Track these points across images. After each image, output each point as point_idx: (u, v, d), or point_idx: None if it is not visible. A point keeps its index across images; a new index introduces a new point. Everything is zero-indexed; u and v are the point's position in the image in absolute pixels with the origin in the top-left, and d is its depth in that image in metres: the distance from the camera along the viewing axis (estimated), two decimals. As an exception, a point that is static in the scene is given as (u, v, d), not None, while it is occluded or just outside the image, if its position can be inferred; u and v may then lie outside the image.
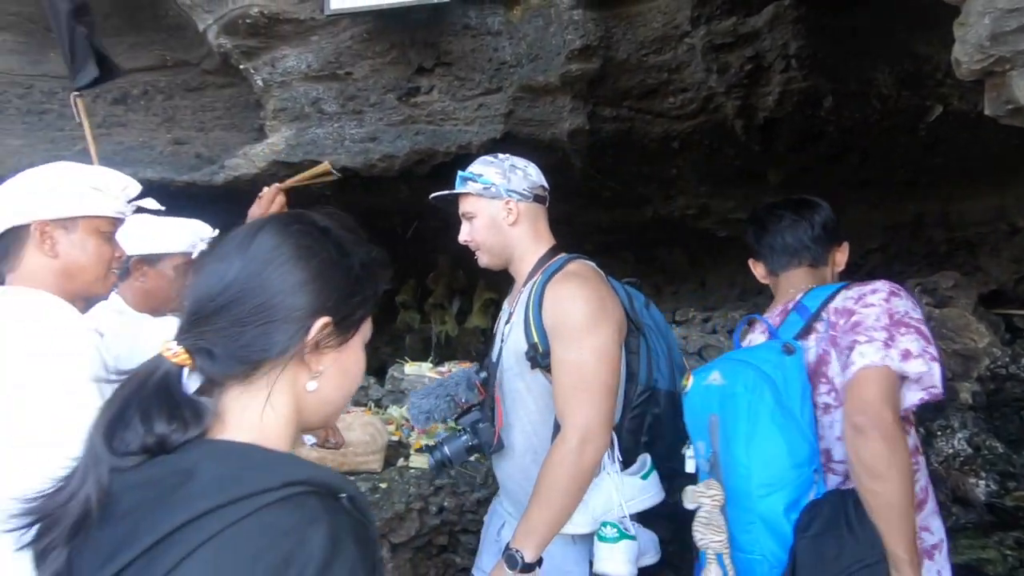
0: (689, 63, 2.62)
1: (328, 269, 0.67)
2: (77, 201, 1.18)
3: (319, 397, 0.68)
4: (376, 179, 3.26)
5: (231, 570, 0.52)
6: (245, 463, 0.59)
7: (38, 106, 3.29)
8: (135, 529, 0.55)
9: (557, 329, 1.36)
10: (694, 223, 3.90)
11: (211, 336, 0.62)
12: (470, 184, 1.50)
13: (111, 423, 0.60)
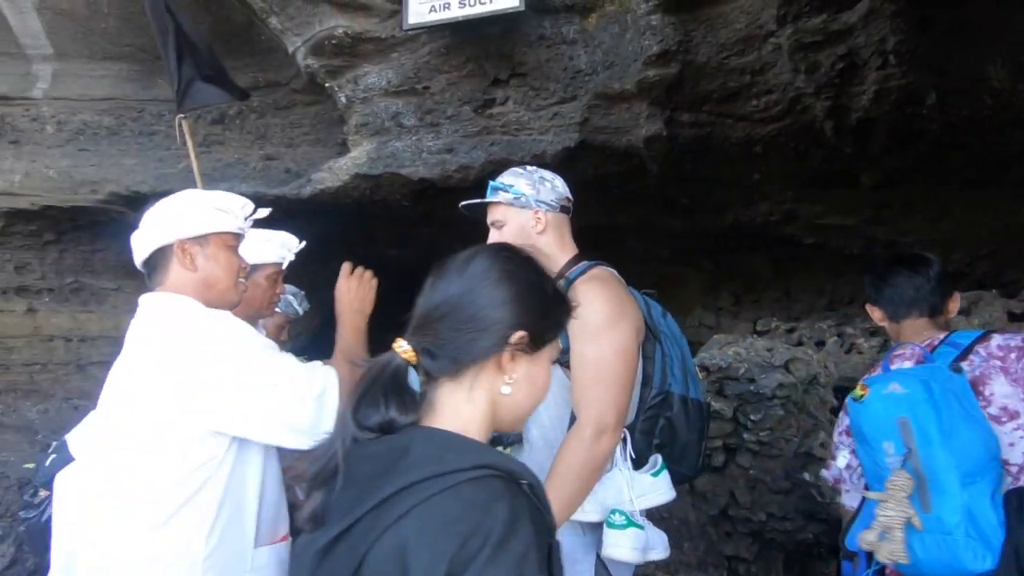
0: (774, 64, 2.50)
1: (527, 291, 0.80)
2: (208, 221, 1.34)
3: (511, 400, 0.80)
4: (452, 189, 3.33)
5: (431, 531, 0.64)
6: (447, 446, 0.72)
7: (148, 128, 3.59)
8: (367, 490, 0.69)
9: (577, 327, 1.39)
10: (778, 229, 3.72)
11: (433, 339, 0.76)
12: (501, 194, 1.57)
13: (360, 399, 0.74)
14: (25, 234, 3.85)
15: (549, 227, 1.55)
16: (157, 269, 1.34)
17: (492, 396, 0.79)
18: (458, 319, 0.76)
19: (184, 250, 1.32)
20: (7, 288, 4.02)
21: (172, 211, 1.35)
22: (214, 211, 1.36)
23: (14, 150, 3.54)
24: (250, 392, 1.22)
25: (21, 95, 3.40)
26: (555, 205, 1.56)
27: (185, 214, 1.34)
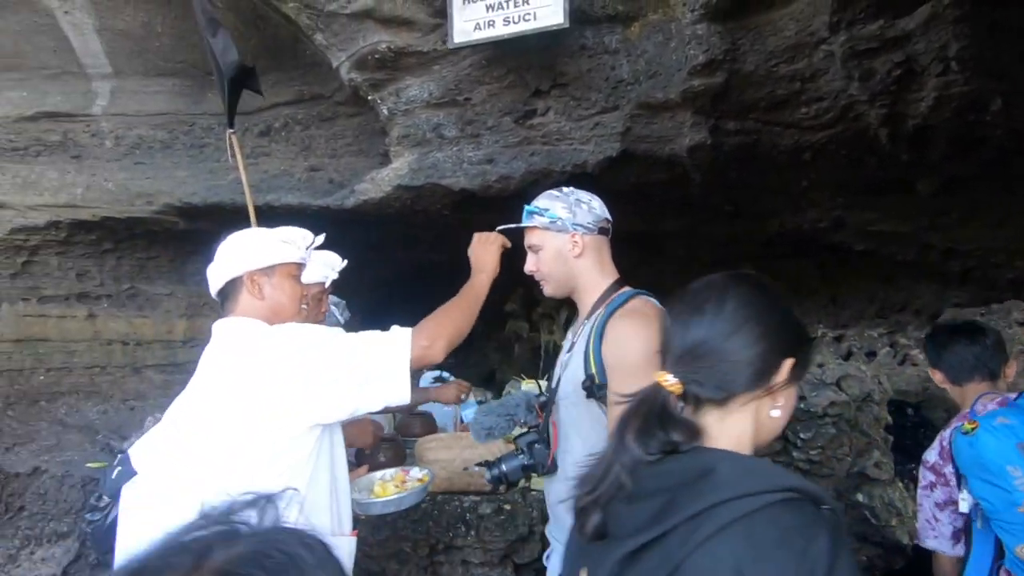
0: (826, 71, 2.42)
1: (785, 321, 0.86)
2: (273, 253, 1.46)
3: (777, 423, 0.85)
4: (492, 198, 3.34)
5: (760, 548, 0.68)
6: (752, 467, 0.78)
7: (199, 141, 3.70)
8: (670, 504, 0.73)
9: (616, 365, 1.39)
10: (826, 236, 3.61)
11: (700, 372, 0.82)
12: (536, 218, 1.55)
13: (633, 427, 0.80)
14: (86, 243, 4.03)
15: (587, 250, 1.52)
16: (229, 298, 1.46)
17: (759, 418, 0.84)
18: (726, 354, 0.81)
19: (253, 281, 1.43)
20: (69, 295, 4.21)
21: (241, 245, 1.47)
22: (279, 243, 1.48)
23: (76, 164, 3.71)
24: (345, 375, 1.32)
25: (82, 112, 3.55)
26: (593, 227, 1.53)
27: (253, 248, 1.46)
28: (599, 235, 1.56)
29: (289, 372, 1.30)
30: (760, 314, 0.84)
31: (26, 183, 3.71)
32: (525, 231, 1.59)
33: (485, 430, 1.68)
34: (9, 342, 4.09)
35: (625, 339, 1.38)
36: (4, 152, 3.67)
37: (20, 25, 3.28)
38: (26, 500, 3.78)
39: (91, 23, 3.26)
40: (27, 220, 3.76)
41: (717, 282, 0.87)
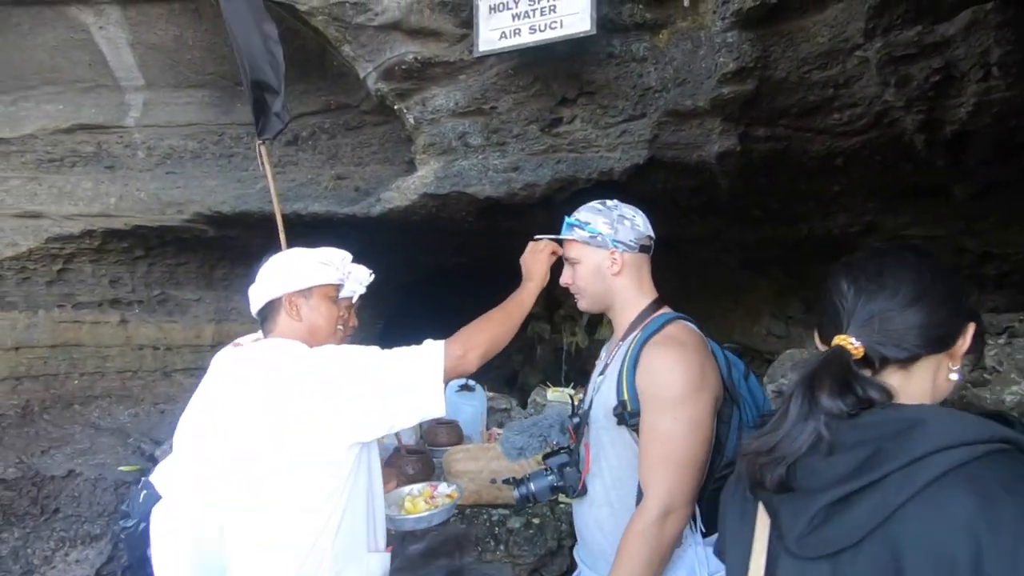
0: (860, 77, 2.38)
1: (958, 289, 0.89)
2: (311, 275, 1.48)
3: (951, 385, 0.88)
4: (516, 206, 3.34)
5: (988, 495, 0.70)
6: (964, 418, 0.79)
7: (228, 150, 3.76)
8: (877, 455, 0.77)
9: (651, 395, 1.34)
10: (857, 240, 3.54)
11: (883, 337, 0.85)
12: (577, 231, 1.50)
13: (820, 385, 0.83)
14: (119, 251, 4.11)
15: (626, 268, 1.47)
16: (268, 318, 1.49)
17: (937, 381, 0.88)
18: (912, 319, 0.85)
19: (291, 302, 1.45)
20: (102, 301, 4.31)
21: (282, 267, 1.49)
22: (318, 265, 1.49)
23: (110, 175, 3.79)
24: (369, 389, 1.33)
25: (116, 124, 3.63)
26: (634, 245, 1.47)
27: (292, 270, 1.48)
28: (640, 253, 1.49)
29: (311, 388, 1.31)
30: (940, 281, 0.88)
31: (62, 193, 3.80)
32: (564, 244, 1.55)
33: (517, 449, 1.66)
34: (45, 347, 4.20)
35: (661, 370, 1.33)
36: (41, 163, 3.76)
37: (57, 40, 3.36)
38: (61, 502, 3.87)
39: (125, 37, 3.32)
40: (63, 229, 3.85)
41: (891, 252, 0.92)
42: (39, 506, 3.83)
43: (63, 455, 4.00)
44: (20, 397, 4.14)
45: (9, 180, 3.80)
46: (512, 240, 4.12)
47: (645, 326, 1.44)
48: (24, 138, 3.64)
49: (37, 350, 4.18)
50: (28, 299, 4.12)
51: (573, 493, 1.52)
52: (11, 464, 3.80)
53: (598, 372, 1.55)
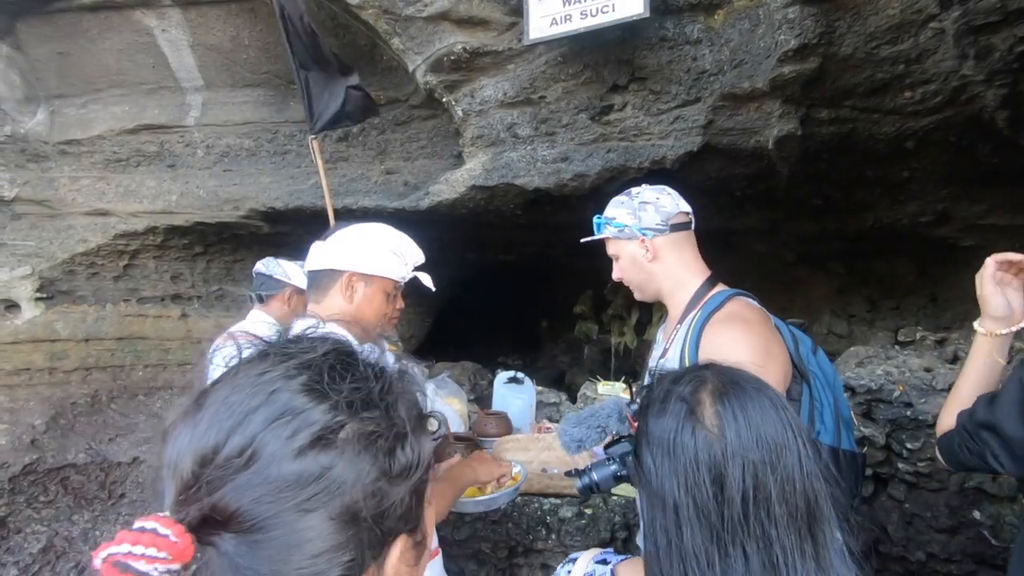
0: (934, 50, 2.23)
1: None
2: (379, 263, 1.44)
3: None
4: (565, 197, 3.29)
5: None
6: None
7: (282, 148, 3.85)
8: None
9: None
10: (928, 231, 3.34)
11: None
12: (607, 228, 1.50)
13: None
14: (179, 247, 4.27)
15: (662, 252, 1.45)
16: (321, 286, 1.44)
17: None
18: None
19: (350, 282, 1.42)
20: (165, 296, 4.48)
21: (357, 242, 1.44)
22: (390, 255, 1.45)
23: (171, 173, 3.94)
24: None
25: (177, 124, 3.77)
26: (663, 227, 1.44)
27: (365, 249, 1.43)
28: (674, 232, 1.46)
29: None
30: None
31: (127, 192, 3.97)
32: (605, 241, 1.54)
33: (576, 442, 1.62)
34: (112, 340, 4.39)
35: (725, 347, 1.28)
36: (109, 163, 3.94)
37: (123, 44, 3.52)
38: (127, 488, 4.04)
39: (185, 39, 3.45)
40: (128, 226, 4.03)
41: None
42: (107, 491, 4.01)
43: (128, 443, 4.18)
44: (90, 387, 4.34)
45: (80, 180, 3.99)
46: (560, 235, 4.09)
47: (704, 304, 1.39)
48: (93, 139, 3.83)
49: (105, 342, 4.38)
50: (97, 293, 4.32)
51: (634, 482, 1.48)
52: (82, 450, 4.00)
53: (658, 356, 1.51)
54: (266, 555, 0.46)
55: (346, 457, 0.49)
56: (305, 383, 0.51)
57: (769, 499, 0.77)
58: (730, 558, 0.77)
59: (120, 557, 0.42)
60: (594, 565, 0.95)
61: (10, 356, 4.18)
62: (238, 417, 0.48)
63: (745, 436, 0.79)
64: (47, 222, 4.13)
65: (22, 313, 4.19)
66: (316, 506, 0.47)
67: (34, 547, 3.64)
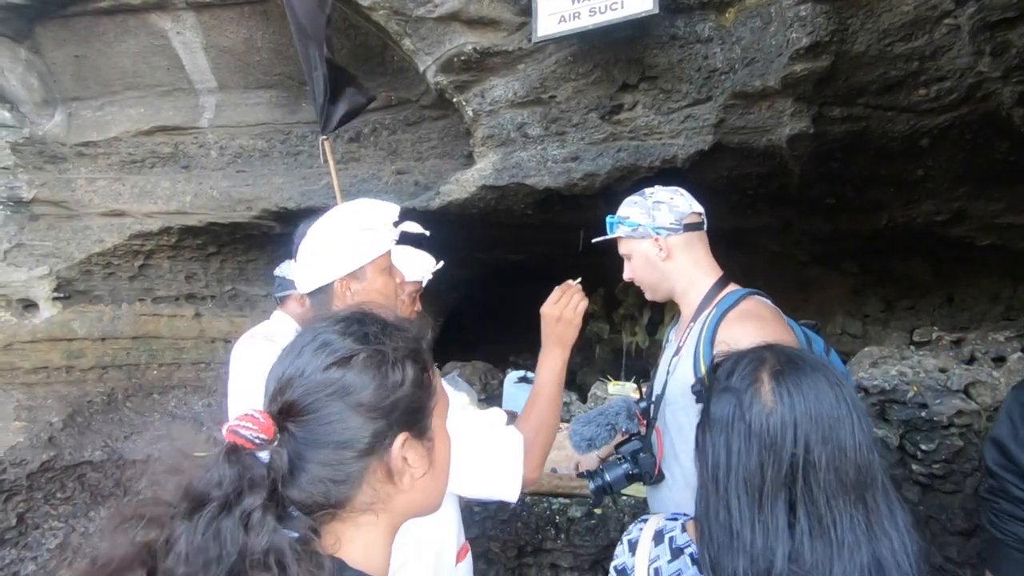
0: (949, 47, 2.21)
1: None
2: (359, 253, 1.35)
3: None
4: (575, 197, 3.29)
5: None
6: None
7: (294, 148, 3.88)
8: None
9: None
10: (943, 230, 3.30)
11: None
12: (620, 227, 1.51)
13: None
14: (193, 247, 4.32)
15: (675, 251, 1.46)
16: (323, 302, 1.37)
17: None
18: None
19: (344, 285, 1.34)
20: (179, 295, 4.54)
21: (326, 248, 1.36)
22: (362, 237, 1.35)
23: (185, 174, 3.98)
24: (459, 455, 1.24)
25: (191, 125, 3.81)
26: (677, 227, 1.45)
27: (338, 250, 1.34)
28: (687, 232, 1.47)
29: None
30: None
31: (143, 192, 4.03)
32: (616, 240, 1.55)
33: (586, 441, 1.62)
34: (128, 339, 4.46)
35: (741, 343, 1.30)
36: (125, 164, 4.00)
37: (139, 47, 3.57)
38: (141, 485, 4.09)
39: (199, 42, 3.49)
40: (144, 226, 4.08)
41: None
42: (122, 487, 4.06)
43: (144, 440, 4.23)
44: (106, 385, 4.41)
45: (97, 181, 4.05)
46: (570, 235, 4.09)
47: (718, 303, 1.39)
48: (109, 141, 3.88)
49: (121, 341, 4.44)
50: (113, 293, 4.38)
51: (650, 480, 1.48)
52: (98, 448, 4.05)
53: (671, 354, 1.51)
54: (312, 428, 0.74)
55: (355, 370, 0.76)
56: (337, 328, 0.80)
57: (818, 466, 0.83)
58: (772, 518, 0.83)
59: (235, 427, 0.70)
60: (665, 521, 1.02)
61: (29, 355, 4.25)
62: (297, 350, 0.79)
63: (799, 409, 0.85)
64: (64, 223, 4.19)
65: (40, 312, 4.26)
66: (339, 397, 0.75)
67: (51, 543, 3.69)
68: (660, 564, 0.96)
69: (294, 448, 0.73)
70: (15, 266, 4.14)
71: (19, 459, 3.79)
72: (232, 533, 0.65)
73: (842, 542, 0.82)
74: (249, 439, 0.70)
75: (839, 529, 0.82)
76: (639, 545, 1.00)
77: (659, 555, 0.97)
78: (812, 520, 0.82)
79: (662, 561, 0.96)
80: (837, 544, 0.82)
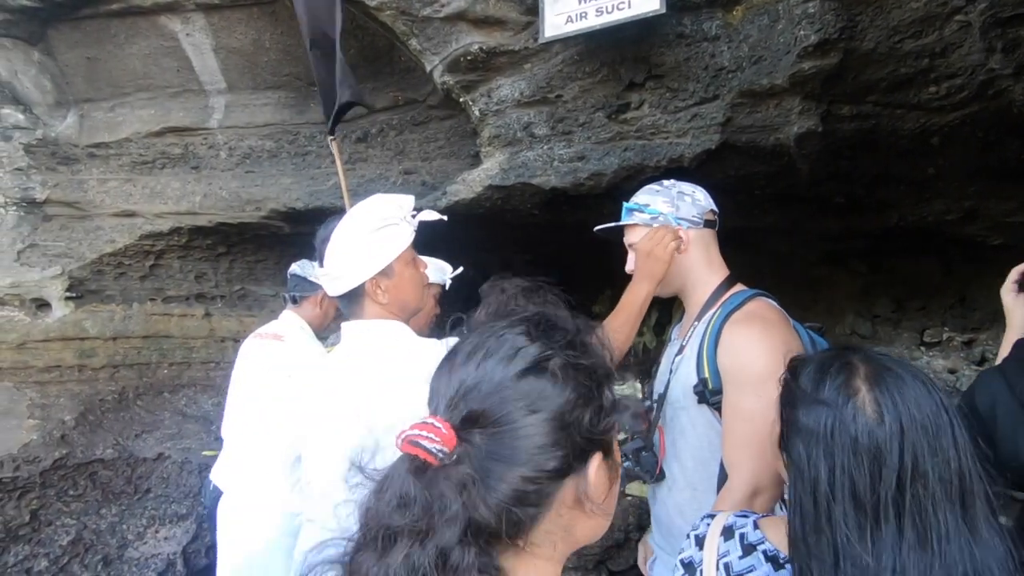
0: (960, 44, 2.18)
1: None
2: (386, 250, 1.39)
3: None
4: (582, 196, 3.29)
5: None
6: None
7: (302, 149, 3.90)
8: None
9: (735, 373, 1.29)
10: (955, 229, 3.27)
11: None
12: (637, 215, 1.49)
13: None
14: (203, 248, 4.36)
15: (693, 245, 1.45)
16: (353, 303, 1.42)
17: None
18: None
19: (374, 284, 1.39)
20: (189, 295, 4.58)
21: (352, 250, 1.39)
22: (385, 233, 1.39)
23: (195, 175, 4.02)
24: None
25: (201, 126, 3.84)
26: (698, 220, 1.45)
27: (365, 251, 1.38)
28: (705, 228, 1.48)
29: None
30: None
31: (153, 193, 4.07)
32: (625, 229, 1.53)
33: None
34: (139, 338, 4.50)
35: (745, 347, 1.29)
36: (136, 165, 4.04)
37: (149, 49, 3.60)
38: (152, 483, 4.14)
39: (209, 43, 3.52)
40: (154, 227, 4.12)
41: None
42: (133, 485, 4.11)
43: (154, 439, 4.28)
44: (117, 384, 4.45)
45: (108, 182, 4.10)
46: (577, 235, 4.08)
47: (724, 303, 1.39)
48: (120, 142, 3.92)
49: (132, 340, 4.48)
50: (124, 293, 4.43)
51: (651, 478, 1.48)
52: (109, 445, 4.10)
53: (674, 352, 1.50)
54: (504, 442, 0.65)
55: (553, 380, 0.68)
56: (524, 331, 0.71)
57: (926, 477, 0.81)
58: (882, 532, 0.82)
59: (413, 437, 0.62)
60: (735, 518, 1.01)
61: (42, 354, 4.30)
62: (479, 353, 0.70)
63: (905, 419, 0.83)
64: (76, 223, 4.24)
65: (53, 312, 4.31)
66: (535, 410, 0.66)
67: (64, 539, 3.74)
68: (730, 559, 0.95)
69: (480, 465, 0.63)
70: (28, 266, 4.20)
71: (32, 456, 3.84)
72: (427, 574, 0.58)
73: (945, 553, 0.80)
74: (432, 452, 0.62)
75: (944, 540, 0.81)
76: (707, 540, 0.99)
77: (729, 550, 0.96)
78: (919, 532, 0.80)
79: (732, 556, 0.95)
80: (941, 556, 0.80)
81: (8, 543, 3.62)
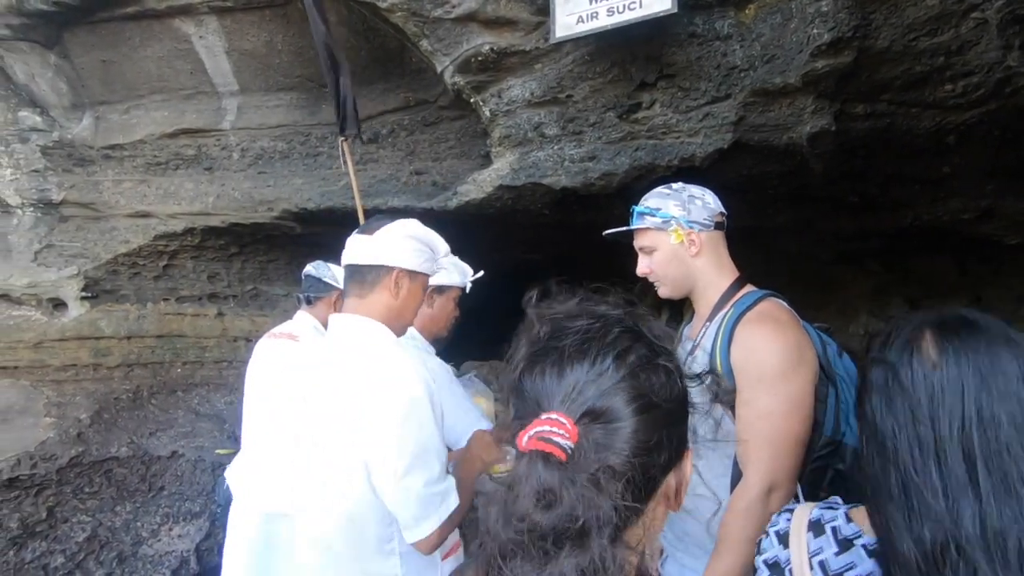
0: (976, 41, 2.16)
1: None
2: (424, 261, 1.46)
3: None
4: (593, 196, 3.28)
5: None
6: None
7: (314, 150, 3.93)
8: None
9: (748, 372, 1.30)
10: (971, 228, 3.23)
11: None
12: (647, 219, 1.49)
13: None
14: (216, 248, 4.39)
15: (704, 248, 1.46)
16: (366, 281, 1.42)
17: None
18: None
19: (399, 279, 1.42)
20: (202, 295, 4.62)
21: (404, 239, 1.44)
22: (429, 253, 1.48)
23: (208, 176, 4.05)
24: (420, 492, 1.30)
25: (214, 128, 3.88)
26: (708, 223, 1.46)
27: (411, 247, 1.44)
28: (715, 230, 1.48)
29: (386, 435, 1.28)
30: None
31: (167, 194, 4.11)
32: (635, 233, 1.53)
33: None
34: (153, 337, 4.55)
35: (759, 346, 1.30)
36: (150, 167, 4.08)
37: (163, 51, 3.64)
38: (166, 481, 4.18)
39: (221, 45, 3.55)
40: (168, 227, 4.16)
41: None
42: (147, 483, 4.15)
43: (168, 437, 4.32)
44: (132, 383, 4.50)
45: (123, 183, 4.14)
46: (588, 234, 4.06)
47: (736, 303, 1.39)
48: (135, 143, 3.96)
49: (146, 340, 4.53)
50: (138, 293, 4.48)
51: None
52: (124, 444, 4.14)
53: (686, 352, 1.50)
54: (620, 436, 0.65)
55: (655, 377, 0.69)
56: (626, 330, 0.71)
57: (998, 423, 0.79)
58: (955, 476, 0.79)
59: (543, 433, 0.62)
60: (821, 511, 0.96)
61: (58, 353, 4.36)
62: (594, 353, 0.69)
63: (966, 366, 0.82)
64: (92, 224, 4.30)
65: (69, 311, 4.37)
66: (647, 406, 0.66)
67: (80, 536, 3.78)
68: (825, 557, 0.89)
69: (600, 459, 0.64)
70: (45, 266, 4.26)
71: (49, 454, 3.89)
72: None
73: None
74: (563, 447, 0.62)
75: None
76: (792, 536, 0.94)
77: (822, 547, 0.90)
78: (996, 478, 0.77)
79: (827, 554, 0.89)
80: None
81: (26, 539, 3.67)
